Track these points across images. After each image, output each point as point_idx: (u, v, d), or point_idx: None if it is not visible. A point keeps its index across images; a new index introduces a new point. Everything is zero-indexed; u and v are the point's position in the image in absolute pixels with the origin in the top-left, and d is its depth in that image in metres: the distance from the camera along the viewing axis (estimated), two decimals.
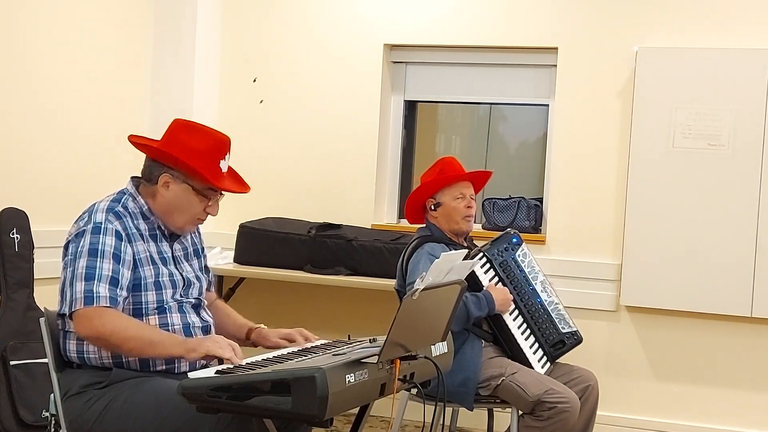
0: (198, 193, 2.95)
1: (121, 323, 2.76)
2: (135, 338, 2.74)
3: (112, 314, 2.75)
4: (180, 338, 2.83)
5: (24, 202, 4.55)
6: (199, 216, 2.99)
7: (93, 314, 2.74)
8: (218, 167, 2.95)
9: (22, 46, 4.65)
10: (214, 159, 2.94)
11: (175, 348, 2.74)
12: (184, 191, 2.95)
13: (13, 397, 4.27)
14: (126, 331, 2.74)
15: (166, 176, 2.94)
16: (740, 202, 4.84)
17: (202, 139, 2.96)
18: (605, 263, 5.13)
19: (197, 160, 2.91)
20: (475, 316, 3.76)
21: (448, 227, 4.00)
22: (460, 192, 3.98)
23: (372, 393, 2.57)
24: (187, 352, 2.71)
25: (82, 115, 5.02)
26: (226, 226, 5.51)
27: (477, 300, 3.77)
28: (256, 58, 5.68)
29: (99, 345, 2.81)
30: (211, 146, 2.96)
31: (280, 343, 3.07)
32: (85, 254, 2.80)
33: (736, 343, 4.97)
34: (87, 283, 2.76)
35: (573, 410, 3.73)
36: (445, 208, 3.98)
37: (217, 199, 3.01)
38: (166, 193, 2.95)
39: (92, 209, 2.91)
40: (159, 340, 2.78)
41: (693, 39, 4.98)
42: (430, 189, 3.98)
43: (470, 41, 5.38)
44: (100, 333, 2.73)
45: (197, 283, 3.07)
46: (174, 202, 2.95)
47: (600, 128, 5.15)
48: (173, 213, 2.97)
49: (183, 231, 3.02)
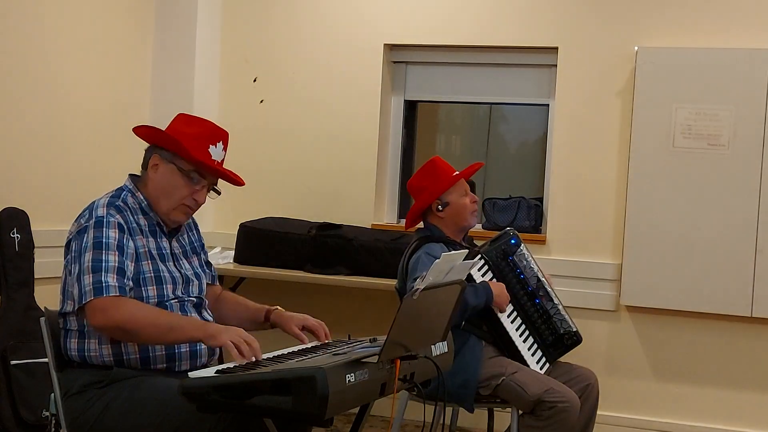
0: (184, 174, 2.95)
1: (136, 310, 2.74)
2: (152, 324, 2.73)
3: (126, 302, 2.74)
4: (200, 321, 2.83)
5: (24, 202, 4.56)
6: (186, 202, 2.97)
7: (106, 304, 2.72)
8: (207, 150, 2.95)
9: (22, 46, 4.65)
10: (203, 142, 2.95)
11: (196, 331, 2.73)
12: (171, 172, 2.95)
13: (13, 397, 4.27)
14: (143, 318, 2.73)
15: (156, 157, 2.97)
16: (740, 202, 4.84)
17: (196, 125, 3.00)
18: (605, 263, 5.13)
19: (186, 139, 2.92)
20: (472, 306, 3.73)
21: (455, 225, 4.00)
22: (464, 189, 4.01)
23: (372, 393, 2.57)
24: (207, 337, 2.70)
25: (83, 115, 5.02)
26: (226, 226, 5.52)
27: (474, 290, 3.76)
28: (256, 58, 5.68)
29: (116, 335, 2.79)
30: (202, 130, 2.98)
31: (299, 334, 3.04)
32: (91, 248, 2.79)
33: (736, 343, 4.98)
34: (95, 275, 2.75)
35: (573, 410, 3.73)
36: (453, 207, 3.98)
37: (205, 187, 2.99)
38: (155, 175, 2.97)
39: (92, 206, 2.92)
40: (178, 324, 2.76)
41: (693, 39, 4.98)
42: (438, 191, 3.97)
43: (470, 41, 5.38)
44: (116, 321, 2.71)
45: (196, 280, 3.06)
46: (160, 183, 2.95)
47: (600, 128, 5.16)
48: (160, 196, 2.96)
49: (170, 218, 2.99)
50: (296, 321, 3.08)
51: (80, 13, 4.99)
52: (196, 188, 2.97)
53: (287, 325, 3.08)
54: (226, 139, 3.04)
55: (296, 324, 3.07)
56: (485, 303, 3.79)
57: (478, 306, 3.78)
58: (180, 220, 3.03)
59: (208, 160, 2.96)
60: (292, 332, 3.06)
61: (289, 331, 3.07)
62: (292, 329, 3.06)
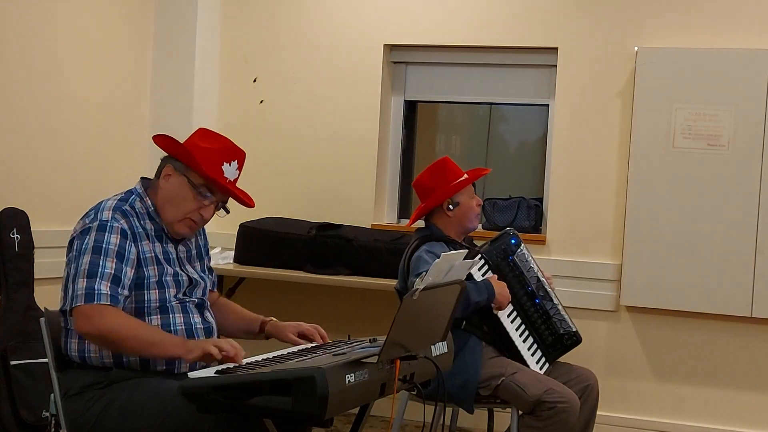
0: (194, 188, 2.95)
1: (120, 322, 2.75)
2: (134, 338, 2.74)
3: (112, 312, 2.75)
4: (180, 339, 2.83)
5: (24, 202, 4.55)
6: (191, 216, 2.96)
7: (92, 312, 2.73)
8: (220, 168, 2.95)
9: (22, 46, 4.65)
10: (217, 158, 2.95)
11: (175, 348, 2.74)
12: (181, 184, 2.95)
13: (13, 397, 4.27)
14: (125, 330, 2.74)
15: (169, 167, 2.97)
16: (740, 202, 4.84)
17: (213, 140, 3.00)
18: (605, 263, 5.13)
19: (200, 153, 2.93)
20: (475, 302, 3.73)
21: (460, 226, 4.02)
22: (472, 191, 4.06)
23: (372, 393, 2.57)
24: (187, 352, 2.71)
25: (82, 115, 5.02)
26: (226, 226, 5.49)
27: (476, 287, 3.76)
28: (256, 58, 5.68)
29: (97, 343, 2.81)
30: (218, 147, 2.98)
31: (297, 341, 3.05)
32: (89, 251, 2.80)
33: (736, 343, 4.98)
34: (89, 280, 2.75)
35: (573, 410, 3.73)
36: (461, 208, 4.00)
37: (214, 203, 2.99)
38: (166, 184, 2.97)
39: (99, 207, 2.92)
40: (159, 340, 2.78)
41: (693, 39, 4.98)
42: (451, 191, 3.98)
43: (470, 41, 5.38)
44: (98, 331, 2.73)
45: (201, 283, 3.07)
46: (170, 193, 2.95)
47: (600, 128, 5.16)
48: (166, 205, 2.96)
49: (173, 229, 2.98)
50: (291, 329, 3.10)
51: (80, 13, 4.99)
52: (204, 203, 2.97)
53: (283, 334, 3.10)
54: (242, 159, 3.02)
55: (291, 331, 3.09)
56: (487, 300, 3.80)
57: (481, 302, 3.77)
58: (183, 234, 3.01)
59: (219, 177, 2.95)
60: (288, 340, 3.08)
61: (285, 340, 3.09)
62: (288, 336, 3.08)
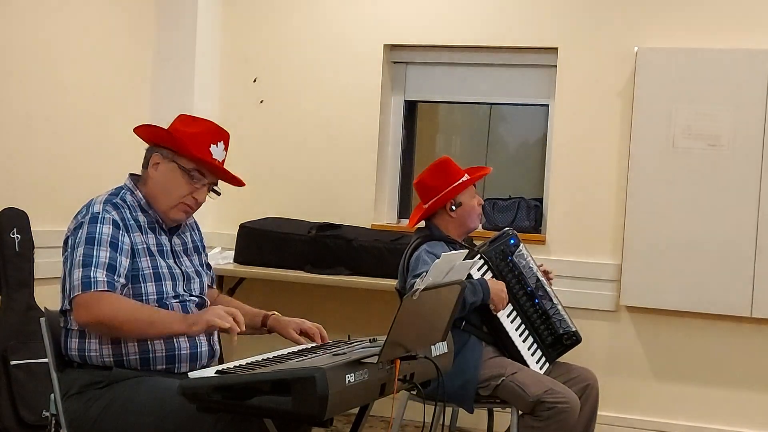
0: (185, 173, 2.95)
1: (118, 306, 2.75)
2: (133, 320, 2.74)
3: (109, 298, 2.75)
4: (179, 314, 2.83)
5: (24, 202, 4.56)
6: (185, 201, 2.97)
7: (90, 299, 2.73)
8: (208, 149, 2.96)
9: (22, 46, 4.65)
10: (204, 140, 2.96)
11: (176, 324, 2.74)
12: (172, 170, 2.95)
13: (13, 397, 4.27)
14: (123, 313, 2.73)
15: (157, 156, 2.97)
16: (740, 202, 4.84)
17: (197, 124, 3.01)
18: (605, 263, 5.13)
19: (187, 138, 2.93)
20: (470, 302, 3.73)
21: (462, 226, 4.02)
22: (474, 191, 4.06)
23: (372, 393, 2.57)
24: (189, 327, 2.71)
25: (83, 115, 5.02)
26: (226, 226, 5.52)
27: (472, 287, 3.76)
28: (256, 58, 5.69)
29: (99, 331, 2.80)
30: (203, 130, 2.98)
31: (298, 339, 3.05)
32: (83, 243, 2.80)
33: (736, 343, 4.98)
34: (84, 270, 2.75)
35: (573, 410, 3.73)
36: (464, 208, 4.00)
37: (206, 186, 2.99)
38: (155, 173, 2.97)
39: (90, 203, 2.93)
40: (158, 318, 2.77)
41: (693, 39, 4.98)
42: (454, 191, 3.98)
43: (470, 41, 5.38)
44: (98, 318, 2.72)
45: (197, 278, 3.06)
46: (161, 181, 2.96)
47: (600, 128, 5.16)
48: (159, 194, 2.96)
49: (169, 216, 2.99)
50: (293, 325, 3.09)
51: (80, 14, 4.99)
52: (197, 187, 2.97)
53: (285, 330, 3.09)
54: (227, 140, 3.04)
55: (293, 328, 3.08)
56: (482, 300, 3.79)
57: (476, 302, 3.77)
58: (179, 219, 3.02)
59: (209, 158, 2.96)
60: (290, 336, 3.07)
61: (287, 336, 3.08)
62: (290, 333, 3.07)
